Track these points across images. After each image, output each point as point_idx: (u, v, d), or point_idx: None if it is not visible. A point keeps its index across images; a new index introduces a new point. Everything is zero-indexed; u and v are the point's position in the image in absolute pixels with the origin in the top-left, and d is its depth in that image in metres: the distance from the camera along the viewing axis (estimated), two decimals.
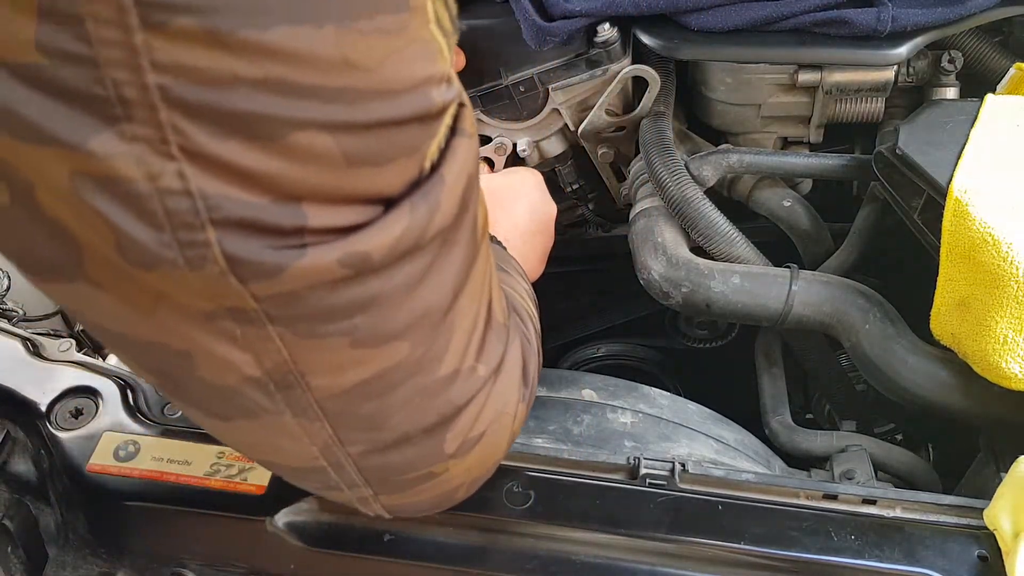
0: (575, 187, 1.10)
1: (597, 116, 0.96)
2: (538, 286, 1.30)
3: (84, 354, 0.84)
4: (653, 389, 0.90)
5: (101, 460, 0.74)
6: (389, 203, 0.39)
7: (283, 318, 0.38)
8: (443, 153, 0.41)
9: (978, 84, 0.91)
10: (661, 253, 0.88)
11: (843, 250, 0.93)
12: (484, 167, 1.01)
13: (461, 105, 0.43)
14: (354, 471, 0.49)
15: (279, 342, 0.39)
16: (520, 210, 0.84)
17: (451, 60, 0.41)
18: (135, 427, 0.77)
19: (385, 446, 0.48)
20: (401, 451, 0.49)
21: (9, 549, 0.75)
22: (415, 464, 0.50)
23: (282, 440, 0.46)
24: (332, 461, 0.48)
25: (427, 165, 0.40)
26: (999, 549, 0.64)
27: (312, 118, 0.34)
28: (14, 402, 0.79)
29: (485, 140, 1.01)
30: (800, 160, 0.92)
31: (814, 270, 0.88)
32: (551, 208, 0.88)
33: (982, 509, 0.66)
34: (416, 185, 0.40)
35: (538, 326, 0.67)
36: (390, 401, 0.45)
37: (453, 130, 0.42)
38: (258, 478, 0.73)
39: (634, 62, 0.93)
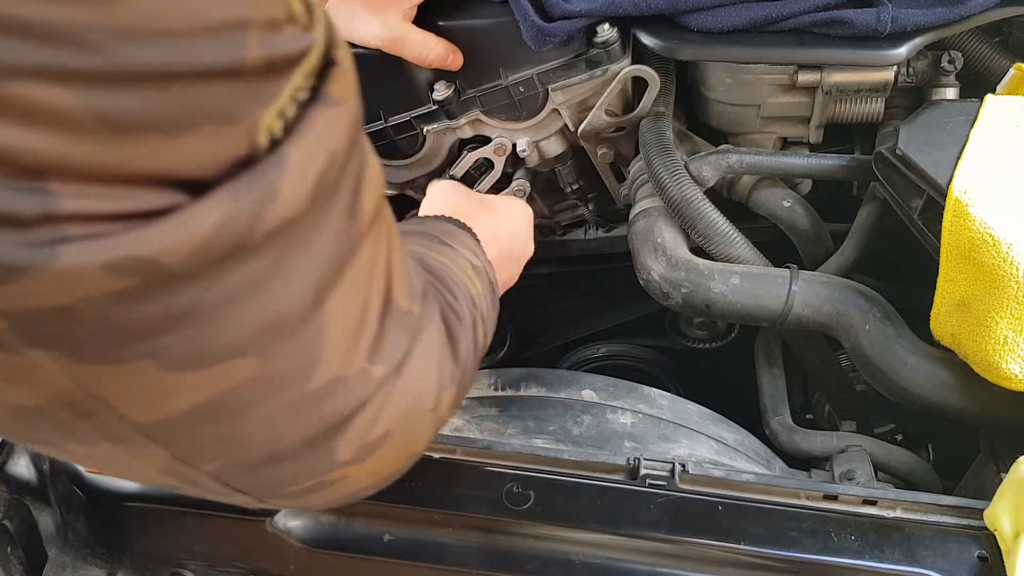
0: (575, 187, 1.10)
1: (597, 116, 0.96)
2: (538, 286, 1.31)
3: None
4: (653, 389, 0.90)
5: None
6: (198, 188, 0.30)
7: (53, 340, 0.30)
8: (290, 126, 0.32)
9: (978, 84, 0.91)
10: (661, 253, 0.88)
11: (843, 250, 0.93)
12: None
13: (330, 64, 0.34)
14: (218, 485, 0.41)
15: (54, 370, 0.30)
16: (504, 229, 0.79)
17: (308, 2, 0.32)
18: None
19: (251, 465, 0.40)
20: (276, 467, 0.41)
21: (9, 549, 0.75)
22: (297, 478, 0.42)
23: (111, 460, 0.38)
24: (184, 479, 0.40)
25: (262, 139, 0.31)
26: (999, 549, 0.64)
27: (32, 64, 0.25)
28: None
29: (485, 140, 1.01)
30: (800, 160, 0.92)
31: (814, 270, 0.88)
32: (530, 247, 0.84)
33: (982, 509, 0.66)
34: (243, 165, 0.30)
35: (484, 302, 0.59)
36: (246, 422, 0.37)
37: (314, 95, 0.33)
38: None
39: (634, 62, 0.93)
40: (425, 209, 0.79)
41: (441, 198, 0.81)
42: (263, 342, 0.34)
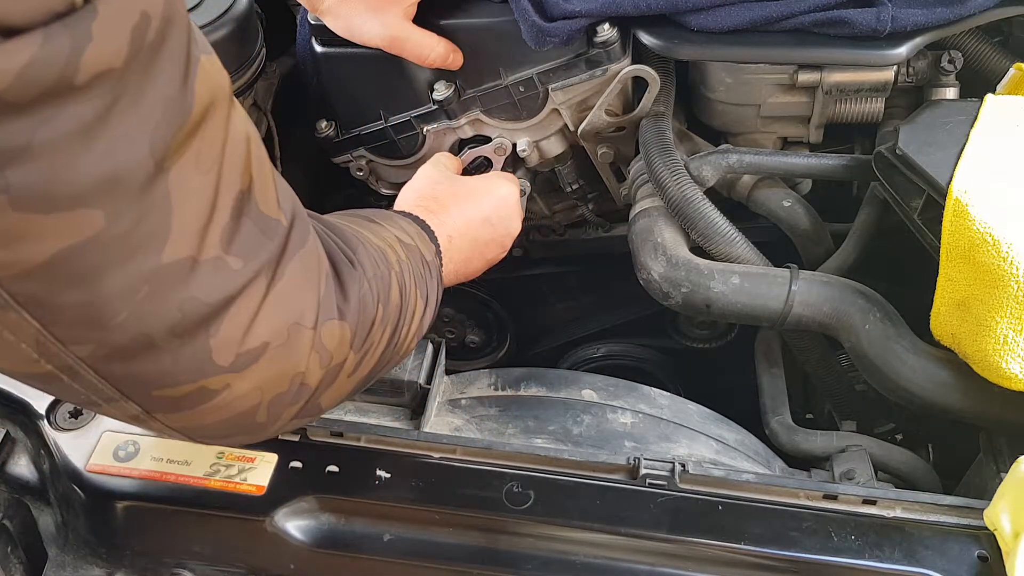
0: (575, 187, 1.10)
1: (597, 116, 0.96)
2: (539, 286, 1.31)
3: None
4: (653, 389, 0.90)
5: (101, 460, 0.74)
6: (14, 32, 0.33)
7: None
8: None
9: (978, 84, 0.91)
10: (661, 253, 0.88)
11: (843, 250, 0.93)
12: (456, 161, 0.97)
13: None
14: (96, 379, 0.43)
15: None
16: (476, 214, 0.83)
17: None
18: (134, 427, 0.77)
19: (125, 349, 0.42)
20: (152, 358, 0.43)
21: (9, 549, 0.75)
22: (176, 375, 0.44)
23: None
24: (59, 365, 0.42)
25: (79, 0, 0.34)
26: (999, 549, 0.64)
27: None
28: (13, 403, 0.79)
29: (485, 140, 1.01)
30: (800, 160, 0.92)
31: (814, 270, 0.88)
32: (514, 226, 0.88)
33: (982, 509, 0.66)
34: (60, 16, 0.34)
35: (409, 268, 0.63)
36: (103, 287, 0.39)
37: None
38: (258, 478, 0.73)
39: (634, 62, 0.93)
40: (398, 202, 0.81)
41: (415, 189, 0.85)
42: (107, 196, 0.37)
